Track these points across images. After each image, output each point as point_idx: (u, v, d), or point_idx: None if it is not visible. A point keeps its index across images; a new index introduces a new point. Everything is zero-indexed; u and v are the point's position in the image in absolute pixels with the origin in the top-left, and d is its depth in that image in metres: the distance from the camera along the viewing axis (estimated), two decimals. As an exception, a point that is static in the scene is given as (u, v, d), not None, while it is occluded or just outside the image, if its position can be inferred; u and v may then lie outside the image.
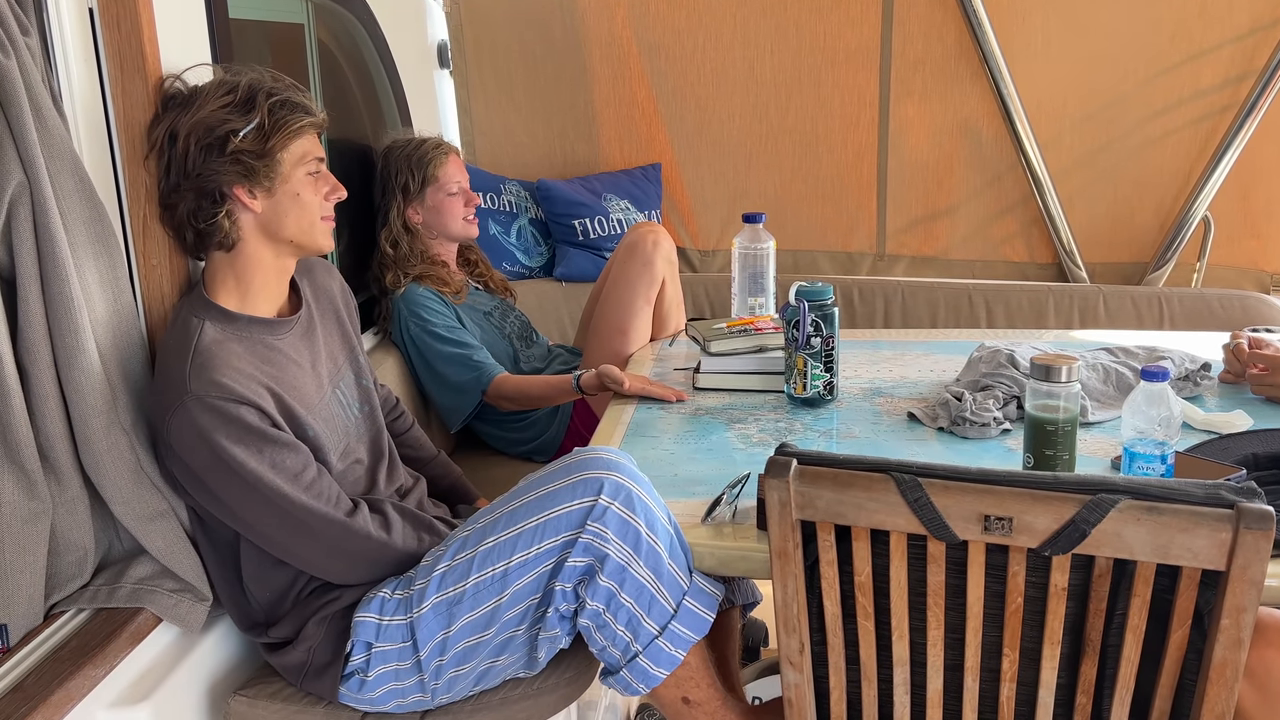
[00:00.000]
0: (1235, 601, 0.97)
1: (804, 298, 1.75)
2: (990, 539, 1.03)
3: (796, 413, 1.78)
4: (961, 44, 2.75)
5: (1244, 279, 2.89)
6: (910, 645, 1.15)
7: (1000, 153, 2.84)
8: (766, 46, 2.86)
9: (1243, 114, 2.69)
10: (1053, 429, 1.34)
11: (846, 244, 3.02)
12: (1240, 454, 1.45)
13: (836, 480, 1.08)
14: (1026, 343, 1.93)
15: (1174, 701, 1.07)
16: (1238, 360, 1.80)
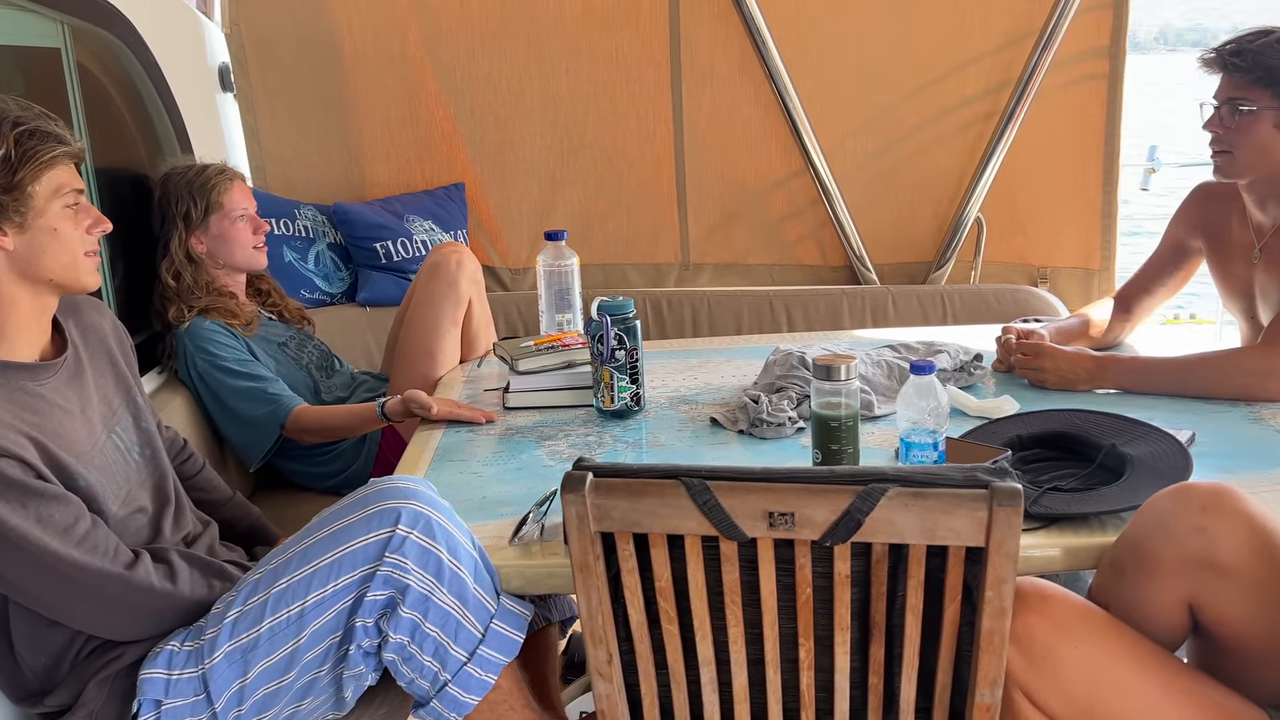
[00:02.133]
0: (996, 574, 1.04)
1: (606, 312, 1.77)
2: (776, 534, 1.07)
3: (606, 425, 1.80)
4: (745, 57, 2.86)
5: (1015, 274, 3.13)
6: (714, 644, 1.18)
7: (788, 160, 2.98)
8: (560, 64, 2.89)
9: (1003, 121, 2.92)
10: (836, 425, 1.41)
11: (653, 256, 3.09)
12: (1007, 436, 1.57)
13: (630, 490, 1.10)
14: (818, 344, 2.02)
15: (954, 673, 1.15)
16: (1007, 351, 1.95)
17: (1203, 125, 1.87)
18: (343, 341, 2.63)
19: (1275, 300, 1.87)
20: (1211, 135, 1.86)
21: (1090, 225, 3.01)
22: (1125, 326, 2.17)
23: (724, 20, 2.84)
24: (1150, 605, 1.19)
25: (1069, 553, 1.29)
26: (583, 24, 2.87)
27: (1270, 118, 1.79)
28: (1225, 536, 1.13)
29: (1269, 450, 1.54)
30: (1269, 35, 1.81)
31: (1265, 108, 1.78)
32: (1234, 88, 1.82)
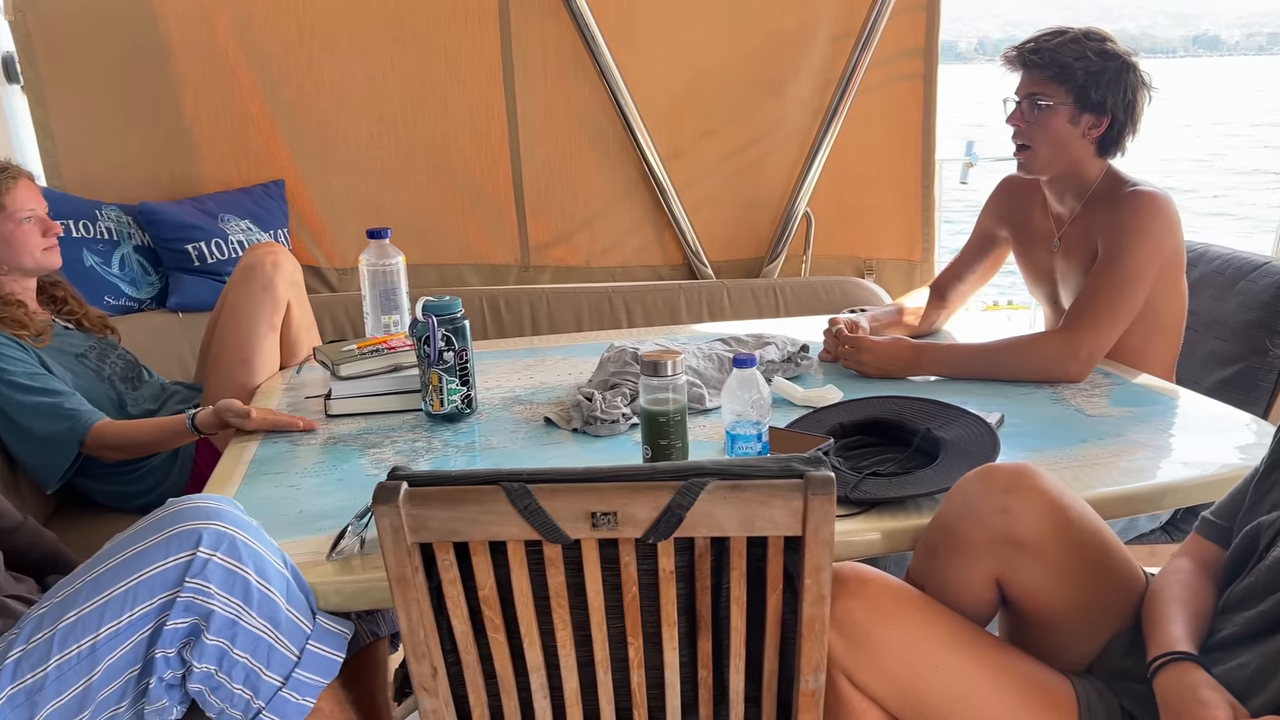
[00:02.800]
0: (814, 562, 1.06)
1: (432, 312, 1.71)
2: (599, 534, 1.06)
3: (436, 430, 1.74)
4: (579, 58, 2.85)
5: (844, 266, 3.24)
6: (543, 649, 1.15)
7: (628, 164, 2.99)
8: (386, 58, 2.80)
9: (827, 118, 3.01)
10: (664, 420, 1.41)
11: (491, 257, 3.04)
12: (830, 424, 1.61)
13: (447, 498, 1.06)
14: (652, 339, 2.03)
15: (780, 660, 1.16)
16: (834, 341, 2.00)
17: (1006, 120, 1.97)
18: (153, 350, 2.46)
19: (1075, 286, 1.99)
20: (1014, 130, 1.97)
21: (911, 218, 3.15)
22: (941, 314, 2.27)
23: (555, 18, 2.81)
24: (961, 583, 1.24)
25: (888, 536, 1.33)
26: (409, 18, 2.79)
27: (1065, 113, 1.90)
28: (1025, 514, 1.19)
29: (1070, 428, 1.63)
30: (1064, 35, 1.93)
31: (1060, 103, 1.90)
32: (1033, 84, 1.93)
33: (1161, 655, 1.12)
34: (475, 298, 2.84)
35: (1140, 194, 1.88)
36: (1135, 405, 1.73)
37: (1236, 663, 1.10)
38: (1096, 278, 1.88)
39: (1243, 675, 1.08)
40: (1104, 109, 1.90)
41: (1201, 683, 1.07)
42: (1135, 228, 1.86)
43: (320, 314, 2.71)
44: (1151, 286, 1.87)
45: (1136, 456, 1.51)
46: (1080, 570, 1.22)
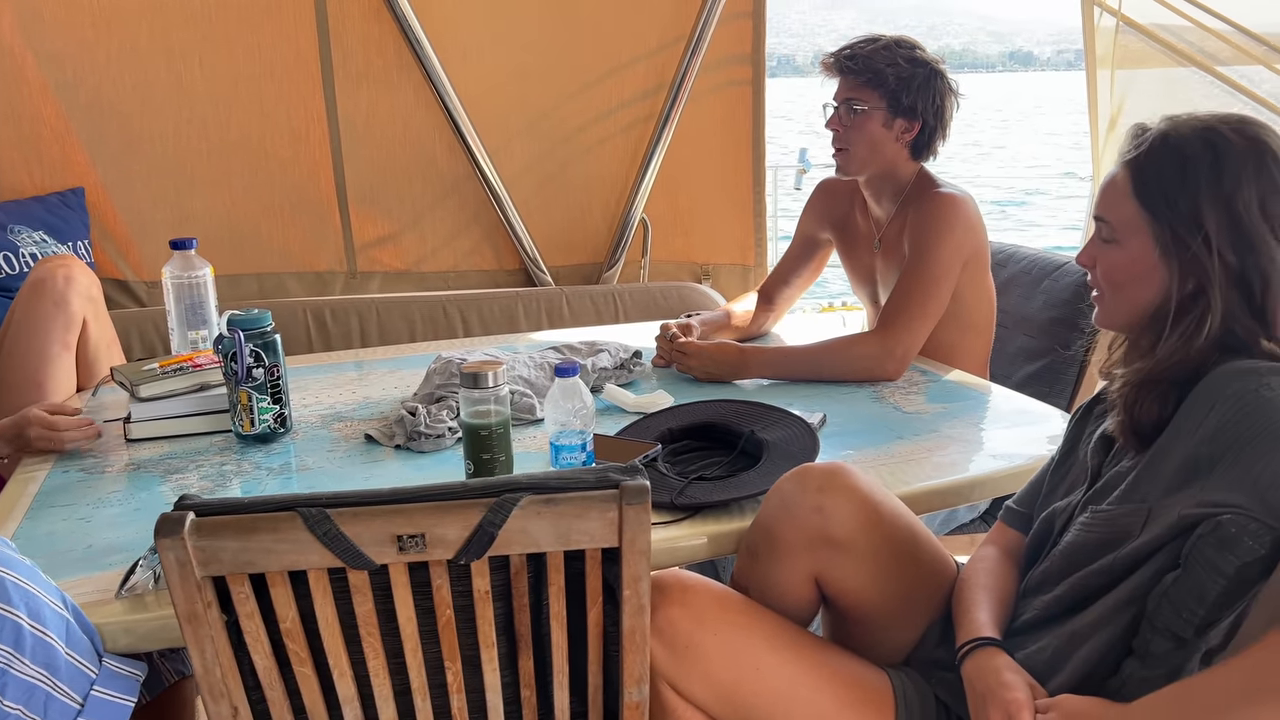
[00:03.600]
0: (631, 572, 1.04)
1: (238, 326, 1.62)
2: (408, 558, 1.01)
3: (246, 451, 1.64)
4: (402, 57, 2.77)
5: (681, 271, 3.27)
6: (355, 680, 1.10)
7: (455, 164, 2.92)
8: (195, 58, 2.64)
9: (660, 124, 3.03)
10: (487, 433, 1.37)
11: (314, 264, 2.91)
12: (659, 430, 1.60)
13: (239, 528, 0.98)
14: (481, 350, 1.98)
15: (605, 674, 1.14)
16: (666, 347, 2.01)
17: (825, 124, 2.03)
18: (-69, 375, 2.24)
19: (893, 286, 2.06)
20: (833, 134, 2.03)
21: (745, 223, 3.21)
22: (770, 317, 2.32)
23: (375, 17, 2.72)
24: (782, 584, 1.25)
25: (714, 540, 1.33)
26: (218, 16, 2.64)
27: (879, 117, 1.97)
28: (838, 513, 1.21)
29: (888, 426, 1.68)
30: (877, 42, 2.00)
31: (875, 107, 1.97)
32: (849, 89, 1.99)
33: (967, 641, 1.16)
34: (299, 309, 2.71)
35: (941, 195, 1.97)
36: (949, 401, 1.80)
37: (1036, 646, 1.15)
38: (905, 278, 1.95)
39: (1042, 658, 1.13)
40: (915, 114, 1.98)
41: (1004, 666, 1.12)
42: (937, 228, 1.94)
43: (128, 331, 2.53)
44: (957, 284, 1.96)
45: (949, 451, 1.57)
46: (893, 565, 1.25)
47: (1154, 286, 1.13)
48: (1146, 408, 1.11)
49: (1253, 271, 1.08)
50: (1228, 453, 0.99)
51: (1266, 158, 1.09)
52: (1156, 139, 1.13)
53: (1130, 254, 1.14)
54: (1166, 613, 1.00)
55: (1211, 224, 1.08)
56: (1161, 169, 1.11)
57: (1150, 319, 1.14)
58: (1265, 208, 1.08)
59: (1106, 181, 1.19)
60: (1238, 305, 1.08)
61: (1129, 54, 3.04)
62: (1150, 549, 1.05)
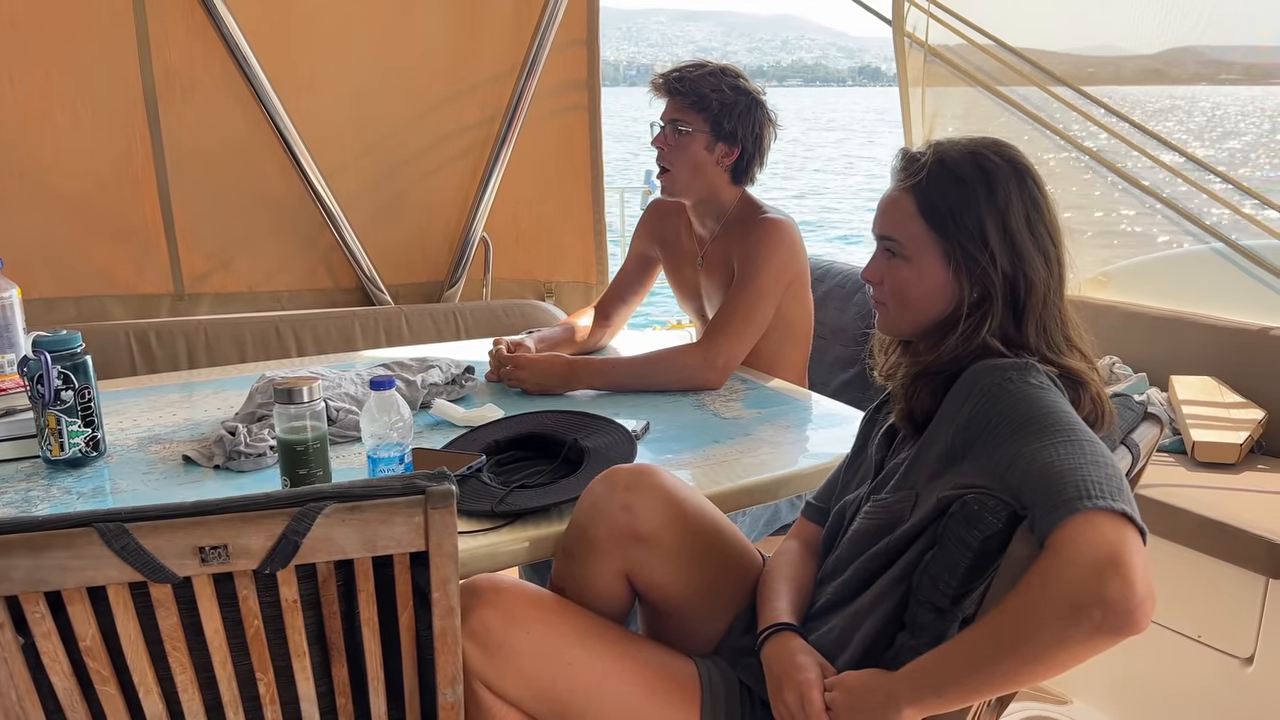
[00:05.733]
0: (439, 575, 1.08)
1: (45, 349, 1.57)
2: (211, 569, 1.02)
3: (56, 476, 1.59)
4: (230, 76, 2.72)
5: (524, 289, 3.31)
6: (163, 696, 1.09)
7: (288, 184, 2.88)
8: (4, 75, 2.53)
9: (497, 146, 3.08)
10: (303, 449, 1.38)
11: (139, 286, 2.81)
12: (485, 441, 1.64)
13: (31, 545, 0.97)
14: (308, 368, 1.97)
15: (421, 677, 1.17)
16: (498, 362, 2.05)
17: (651, 141, 2.11)
18: None
19: (717, 301, 2.16)
20: (658, 151, 2.11)
21: (586, 242, 3.28)
22: (606, 332, 2.39)
23: (200, 34, 2.67)
24: (595, 582, 1.31)
25: (534, 544, 1.37)
26: (27, 28, 2.53)
27: (702, 139, 2.07)
28: (645, 510, 1.28)
29: (706, 431, 1.77)
30: (704, 68, 2.10)
31: (698, 130, 2.06)
32: (675, 110, 2.09)
33: (766, 627, 1.25)
34: (121, 332, 2.62)
35: (768, 221, 2.08)
36: (765, 407, 1.91)
37: (827, 628, 1.25)
38: (732, 295, 2.05)
39: (830, 638, 1.23)
40: (735, 139, 2.09)
41: (798, 649, 1.20)
42: (764, 251, 2.05)
43: (-71, 357, 2.39)
44: (779, 301, 2.07)
45: (760, 453, 1.67)
46: (698, 558, 1.33)
47: (943, 297, 1.24)
48: (920, 399, 1.23)
49: (1020, 279, 1.20)
50: (977, 440, 1.11)
51: (1026, 177, 1.23)
52: (934, 164, 1.25)
53: (920, 269, 1.25)
54: (926, 586, 1.11)
55: (993, 238, 1.20)
56: (944, 191, 1.23)
57: (934, 325, 1.26)
58: (1029, 221, 1.21)
59: (888, 203, 1.29)
60: (1006, 309, 1.21)
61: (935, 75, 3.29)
62: (917, 530, 1.15)
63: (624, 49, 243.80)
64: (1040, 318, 1.21)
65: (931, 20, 3.32)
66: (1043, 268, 1.21)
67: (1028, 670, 0.96)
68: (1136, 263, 3.15)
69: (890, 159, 1.33)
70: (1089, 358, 1.24)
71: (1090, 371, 1.22)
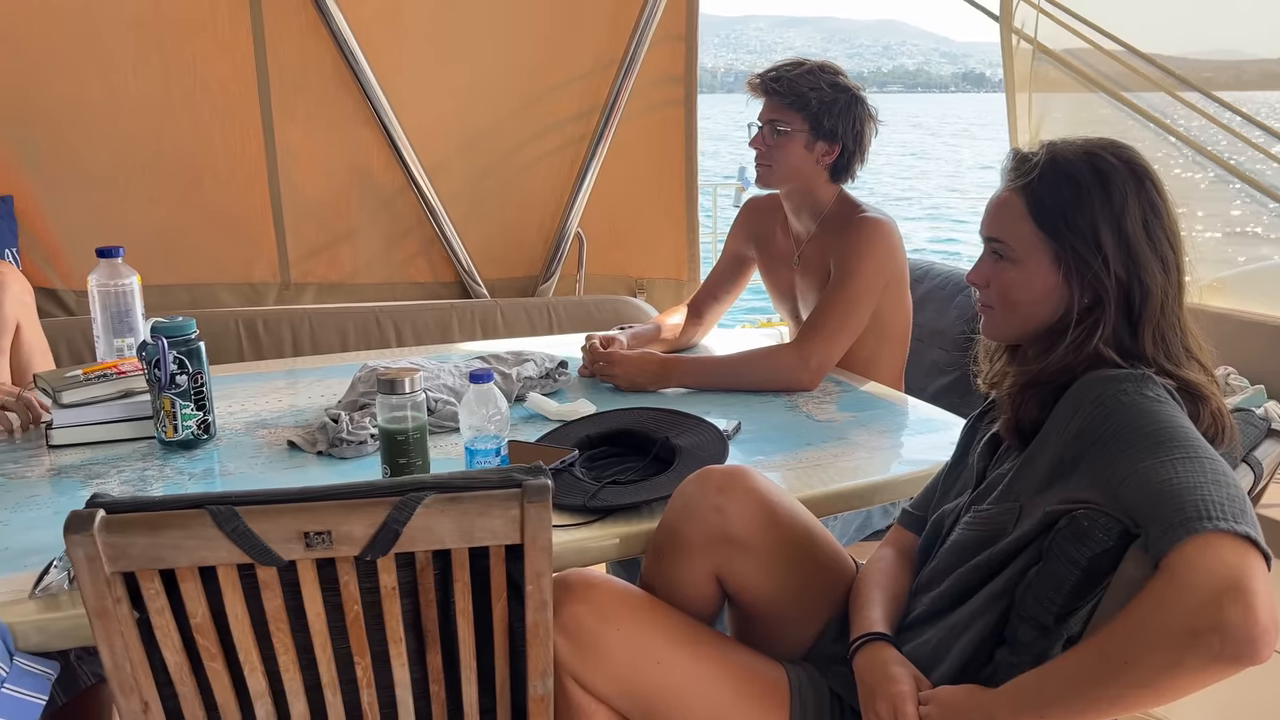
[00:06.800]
0: (533, 569, 1.09)
1: (162, 334, 1.63)
2: (315, 554, 1.04)
3: (169, 457, 1.66)
4: (340, 73, 2.80)
5: (616, 284, 3.33)
6: (266, 675, 1.12)
7: (391, 179, 2.95)
8: (128, 69, 2.65)
9: (594, 142, 3.10)
10: (403, 438, 1.41)
11: (248, 275, 2.92)
12: (578, 436, 1.65)
13: (150, 524, 1.01)
14: (407, 359, 2.01)
15: (512, 668, 1.18)
16: (591, 357, 2.06)
17: (749, 143, 2.10)
18: None
19: (812, 301, 2.14)
20: (756, 152, 2.10)
21: (678, 239, 3.28)
22: (699, 330, 2.38)
23: (312, 32, 2.75)
24: (685, 582, 1.31)
25: (624, 541, 1.38)
26: (151, 26, 2.65)
27: (801, 139, 2.04)
28: (737, 512, 1.27)
29: (799, 433, 1.75)
30: (802, 66, 2.07)
31: (797, 129, 2.04)
32: (773, 110, 2.06)
33: (859, 636, 1.23)
34: (230, 319, 2.72)
35: (867, 219, 2.04)
36: (860, 410, 1.88)
37: (922, 639, 1.22)
38: (827, 295, 2.02)
39: (926, 650, 1.20)
40: (835, 137, 2.06)
41: (892, 659, 1.18)
42: (861, 250, 2.02)
43: (56, 340, 2.52)
44: (876, 303, 2.04)
45: (854, 457, 1.64)
46: (790, 563, 1.31)
47: (1052, 302, 1.20)
48: (1028, 409, 1.19)
49: (1135, 285, 1.16)
50: (1087, 453, 1.07)
51: (1145, 179, 1.18)
52: (1046, 164, 1.20)
53: (1028, 273, 1.21)
54: (1030, 602, 1.08)
55: (1107, 242, 1.15)
56: (1057, 192, 1.18)
57: (1043, 331, 1.22)
58: (1147, 226, 1.16)
59: (997, 203, 1.25)
60: (1120, 317, 1.17)
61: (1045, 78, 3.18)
62: (1021, 544, 1.12)
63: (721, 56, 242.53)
64: (1158, 327, 1.16)
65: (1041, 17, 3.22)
66: (1160, 274, 1.16)
67: (1135, 696, 0.92)
68: (1255, 269, 3.00)
69: (1000, 161, 1.29)
70: (1209, 370, 1.18)
71: (1210, 385, 1.16)
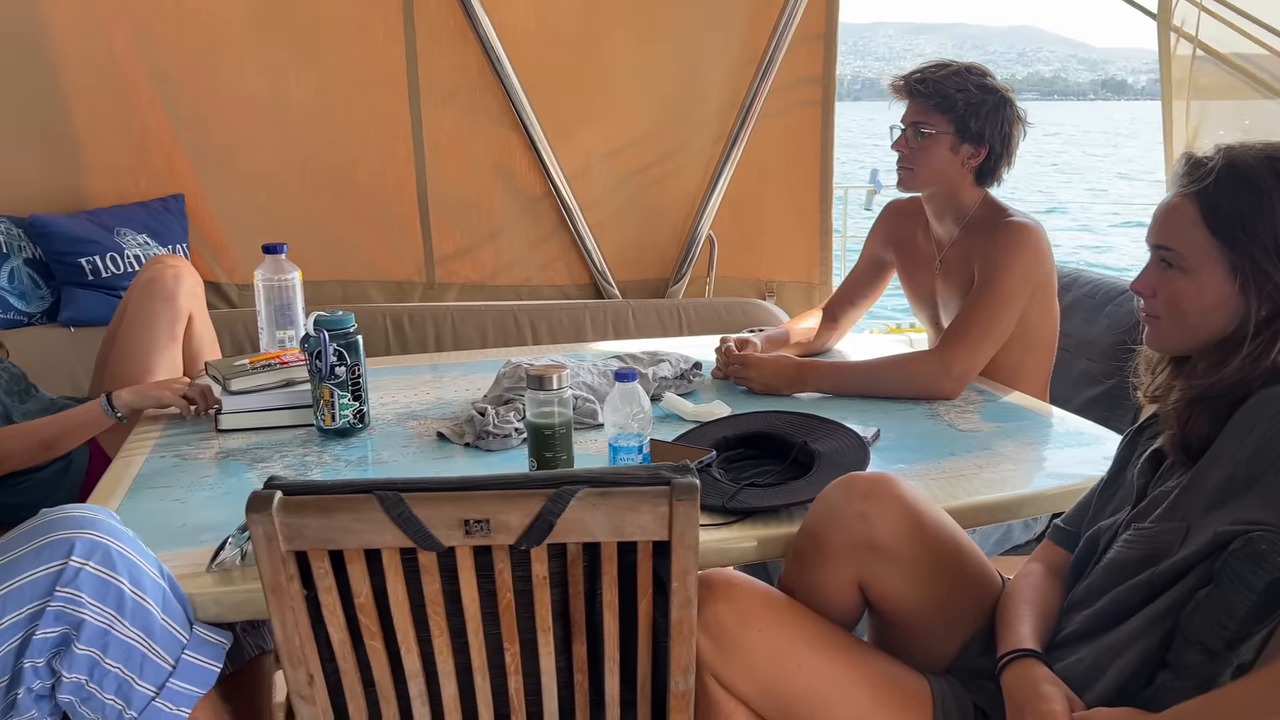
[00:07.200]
0: (680, 566, 1.10)
1: (323, 327, 1.72)
2: (473, 541, 1.09)
3: (327, 444, 1.75)
4: (485, 78, 2.89)
5: (746, 287, 3.33)
6: (420, 656, 1.17)
7: (532, 181, 3.03)
8: (291, 73, 2.80)
9: (729, 144, 3.10)
10: (550, 433, 1.45)
11: (395, 273, 3.04)
12: (715, 438, 1.66)
13: (322, 506, 1.07)
14: (548, 356, 2.06)
15: (654, 663, 1.20)
16: (726, 359, 2.07)
17: (891, 145, 2.06)
18: (42, 366, 2.40)
19: (954, 307, 2.09)
20: (899, 155, 2.06)
21: (810, 242, 3.25)
22: (833, 334, 2.36)
23: (461, 40, 2.85)
24: (826, 588, 1.30)
25: (763, 543, 1.38)
26: (313, 32, 2.79)
27: (946, 141, 2.00)
28: (882, 521, 1.26)
29: (941, 442, 1.71)
30: (948, 67, 2.03)
31: (942, 132, 1.99)
32: (917, 113, 2.03)
33: (1008, 652, 1.20)
34: (378, 314, 2.85)
35: (1014, 224, 1.99)
36: (1005, 421, 1.83)
37: (1075, 658, 1.18)
38: (972, 301, 1.98)
39: (1079, 669, 1.16)
40: (982, 139, 2.00)
41: (1043, 678, 1.15)
42: (1008, 255, 1.96)
43: (220, 330, 2.67)
44: (1023, 309, 1.98)
45: (1000, 468, 1.60)
46: (935, 573, 1.29)
47: (1225, 313, 1.15)
48: (1197, 424, 1.13)
49: None
50: (1265, 473, 1.01)
51: None
52: (1223, 168, 1.15)
53: (1200, 282, 1.16)
54: (1198, 626, 1.03)
55: None
56: (1235, 199, 1.13)
57: (1214, 343, 1.16)
58: None
59: (1166, 210, 1.20)
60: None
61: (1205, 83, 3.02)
62: (1187, 565, 1.07)
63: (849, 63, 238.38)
64: None
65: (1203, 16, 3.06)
66: None
67: None
68: None
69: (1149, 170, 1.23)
70: None
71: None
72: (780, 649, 1.22)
